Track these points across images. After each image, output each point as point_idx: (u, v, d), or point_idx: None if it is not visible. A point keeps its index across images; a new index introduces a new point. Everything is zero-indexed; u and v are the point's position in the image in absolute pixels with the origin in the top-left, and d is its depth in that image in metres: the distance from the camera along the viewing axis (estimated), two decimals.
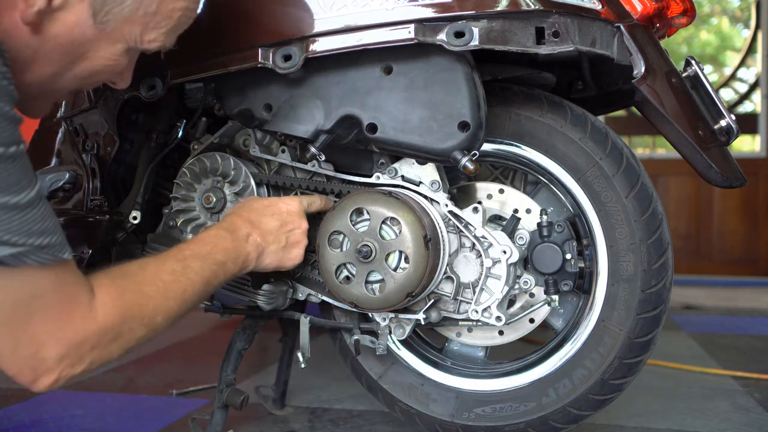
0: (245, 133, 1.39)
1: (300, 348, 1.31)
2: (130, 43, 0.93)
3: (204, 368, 2.08)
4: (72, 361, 0.85)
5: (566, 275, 1.26)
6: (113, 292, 0.90)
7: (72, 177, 1.40)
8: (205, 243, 1.08)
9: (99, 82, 1.00)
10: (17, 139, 0.78)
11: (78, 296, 0.86)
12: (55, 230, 0.82)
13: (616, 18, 1.14)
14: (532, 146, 1.29)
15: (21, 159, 0.78)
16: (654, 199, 1.23)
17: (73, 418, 1.58)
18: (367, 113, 1.18)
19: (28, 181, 0.79)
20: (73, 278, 0.86)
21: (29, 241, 0.78)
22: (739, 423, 1.58)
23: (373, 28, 1.13)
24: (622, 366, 1.24)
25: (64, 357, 0.84)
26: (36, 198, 0.79)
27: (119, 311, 0.89)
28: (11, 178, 0.77)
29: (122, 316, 0.89)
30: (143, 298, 0.93)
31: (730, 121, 1.17)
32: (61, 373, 0.85)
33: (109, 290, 0.90)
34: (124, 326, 0.89)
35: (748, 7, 6.43)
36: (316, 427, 1.53)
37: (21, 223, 0.77)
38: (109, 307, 0.88)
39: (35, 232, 0.79)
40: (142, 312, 0.92)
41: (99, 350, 0.87)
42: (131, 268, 0.96)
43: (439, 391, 1.36)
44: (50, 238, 0.81)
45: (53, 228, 0.82)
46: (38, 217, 0.79)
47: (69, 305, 0.85)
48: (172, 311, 0.97)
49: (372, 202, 1.19)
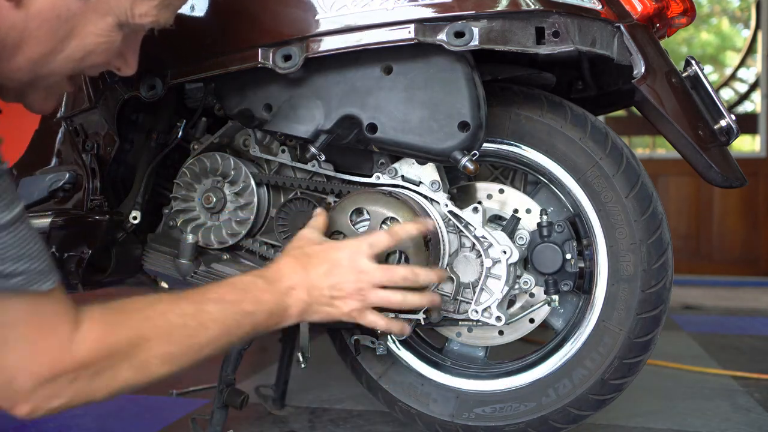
0: (245, 133, 1.39)
1: (300, 348, 1.31)
2: (121, 18, 0.88)
3: (204, 368, 2.07)
4: (48, 394, 0.80)
5: (566, 275, 1.27)
6: (101, 326, 0.84)
7: (72, 177, 1.40)
8: (235, 289, 0.99)
9: (98, 65, 0.93)
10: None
11: (56, 327, 0.80)
12: (36, 256, 0.77)
13: (616, 18, 1.14)
14: (532, 146, 1.29)
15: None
16: (654, 199, 1.23)
17: (73, 418, 1.58)
18: (367, 113, 1.18)
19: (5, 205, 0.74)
20: (53, 308, 0.80)
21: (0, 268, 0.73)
22: (739, 423, 1.57)
23: (373, 28, 1.13)
24: (622, 366, 1.24)
25: (37, 389, 0.79)
26: (12, 222, 0.74)
27: (102, 347, 0.82)
28: None
29: (105, 353, 0.82)
30: (136, 337, 0.85)
31: (730, 121, 1.17)
32: (37, 404, 0.80)
33: (98, 324, 0.83)
34: (105, 365, 0.83)
35: (748, 7, 6.43)
36: (316, 427, 1.53)
37: None
38: (91, 342, 0.82)
39: (9, 257, 0.74)
40: (131, 352, 0.85)
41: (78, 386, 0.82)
42: (137, 304, 0.89)
43: (439, 391, 1.36)
44: (28, 264, 0.76)
45: (33, 254, 0.77)
46: (14, 242, 0.74)
47: (44, 337, 0.79)
48: (173, 357, 0.89)
49: (372, 201, 1.19)
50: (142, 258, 1.42)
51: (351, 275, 1.06)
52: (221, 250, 1.37)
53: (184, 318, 0.90)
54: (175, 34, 1.26)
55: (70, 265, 1.32)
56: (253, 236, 1.37)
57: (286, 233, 1.34)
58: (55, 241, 1.30)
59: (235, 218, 1.35)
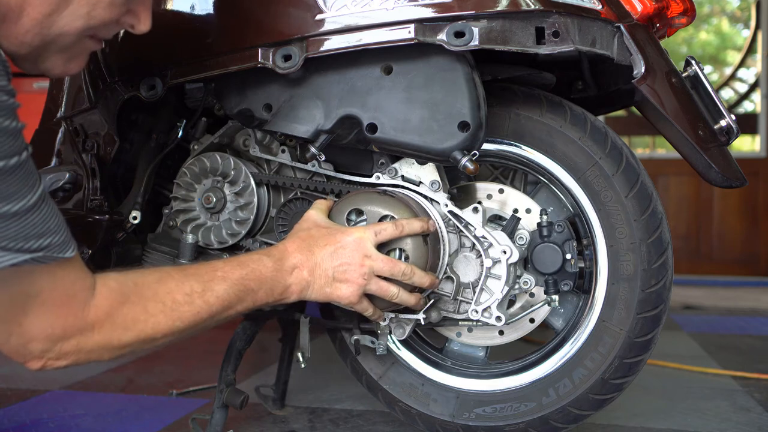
0: (245, 133, 1.39)
1: (300, 348, 1.31)
2: None
3: (204, 368, 2.08)
4: (58, 352, 0.87)
5: (566, 275, 1.27)
6: (113, 297, 0.90)
7: (72, 177, 1.40)
8: (242, 266, 1.04)
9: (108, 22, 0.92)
10: (18, 149, 0.77)
11: (75, 294, 0.86)
12: (56, 229, 0.82)
13: (616, 18, 1.14)
14: (531, 146, 1.29)
15: (23, 168, 0.78)
16: (654, 198, 1.23)
17: (73, 418, 1.58)
18: (367, 113, 1.18)
19: (29, 187, 0.78)
20: (73, 275, 0.86)
21: (26, 245, 0.78)
22: (739, 423, 1.57)
23: (373, 28, 1.13)
24: (623, 365, 1.24)
25: (50, 349, 0.86)
26: (36, 203, 0.79)
27: (112, 319, 0.89)
28: (10, 189, 0.77)
29: (113, 324, 0.89)
30: (143, 313, 0.92)
31: (730, 121, 1.17)
32: (46, 362, 0.88)
33: (110, 295, 0.89)
34: (113, 334, 0.89)
35: (748, 7, 6.43)
36: (316, 427, 1.53)
37: (19, 229, 0.77)
38: (102, 312, 0.88)
39: (34, 235, 0.79)
40: (137, 326, 0.91)
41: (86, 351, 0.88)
42: (149, 277, 0.95)
43: (439, 391, 1.36)
44: (51, 238, 0.81)
45: (55, 227, 0.82)
46: (38, 221, 0.79)
47: (64, 303, 0.86)
48: (176, 330, 0.95)
49: (368, 201, 1.19)
50: (142, 258, 1.42)
51: (356, 258, 1.09)
52: (221, 250, 1.37)
53: (190, 296, 0.96)
54: (175, 34, 1.27)
55: None
56: (253, 236, 1.37)
57: (286, 233, 1.34)
58: None
59: (235, 218, 1.35)
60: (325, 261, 1.09)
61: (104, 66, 1.34)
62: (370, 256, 1.10)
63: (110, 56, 1.33)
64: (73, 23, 0.88)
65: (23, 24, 0.85)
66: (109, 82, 1.33)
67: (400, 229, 1.13)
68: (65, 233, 0.83)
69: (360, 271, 1.09)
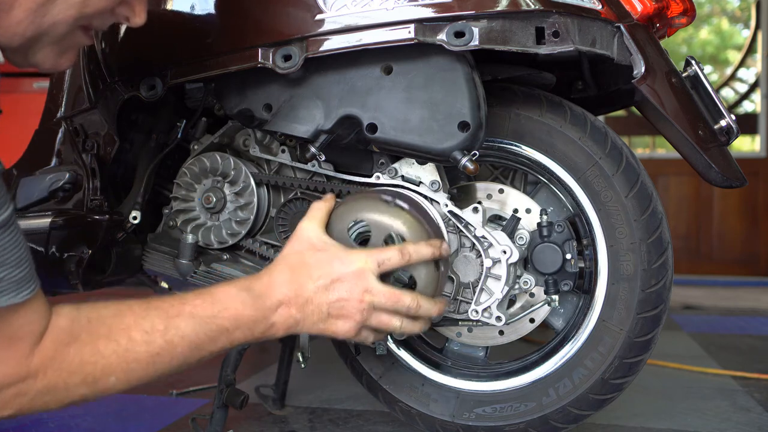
0: (245, 133, 1.39)
1: (300, 348, 1.31)
2: None
3: (204, 368, 2.08)
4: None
5: (566, 275, 1.27)
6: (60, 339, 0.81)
7: (72, 177, 1.40)
8: (215, 302, 0.93)
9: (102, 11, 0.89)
10: None
11: (22, 338, 0.79)
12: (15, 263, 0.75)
13: (616, 18, 1.14)
14: (531, 146, 1.29)
15: None
16: (654, 198, 1.23)
17: (73, 418, 1.58)
18: (367, 113, 1.18)
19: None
20: (23, 318, 0.79)
21: None
22: (739, 423, 1.57)
23: (373, 28, 1.13)
24: (623, 365, 1.24)
25: None
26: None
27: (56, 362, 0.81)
28: None
29: (58, 368, 0.81)
30: (92, 354, 0.83)
31: (730, 121, 1.17)
32: None
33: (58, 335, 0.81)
34: (58, 379, 0.81)
35: (748, 7, 6.43)
36: (316, 427, 1.53)
37: None
38: (47, 356, 0.80)
39: None
40: (84, 369, 0.82)
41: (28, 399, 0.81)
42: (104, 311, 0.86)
43: (439, 391, 1.36)
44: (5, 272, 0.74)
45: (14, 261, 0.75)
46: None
47: (6, 347, 0.78)
48: (132, 374, 0.86)
49: (374, 211, 1.17)
50: (142, 258, 1.43)
51: (355, 294, 0.99)
52: (221, 250, 1.37)
53: (150, 335, 0.86)
54: (175, 34, 1.27)
55: (70, 265, 1.33)
56: (253, 236, 1.37)
57: (286, 233, 1.34)
58: (55, 241, 1.30)
59: (235, 218, 1.35)
60: (319, 296, 0.98)
61: (104, 66, 1.33)
62: (371, 291, 0.99)
63: (110, 56, 1.33)
64: (67, 12, 0.84)
65: (16, 14, 0.81)
66: (109, 82, 1.33)
67: (407, 258, 1.02)
68: (26, 270, 0.76)
69: (359, 307, 0.99)
